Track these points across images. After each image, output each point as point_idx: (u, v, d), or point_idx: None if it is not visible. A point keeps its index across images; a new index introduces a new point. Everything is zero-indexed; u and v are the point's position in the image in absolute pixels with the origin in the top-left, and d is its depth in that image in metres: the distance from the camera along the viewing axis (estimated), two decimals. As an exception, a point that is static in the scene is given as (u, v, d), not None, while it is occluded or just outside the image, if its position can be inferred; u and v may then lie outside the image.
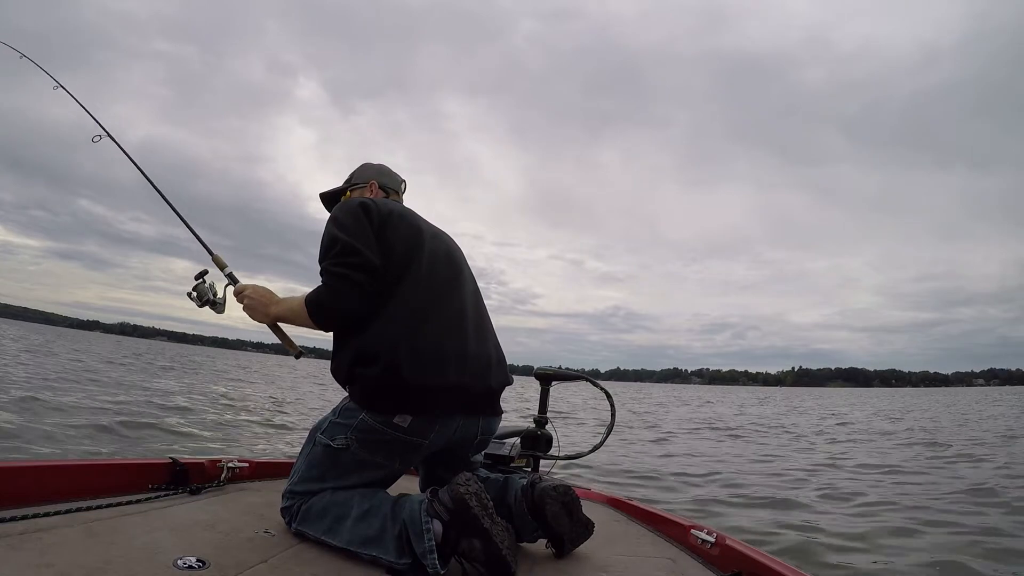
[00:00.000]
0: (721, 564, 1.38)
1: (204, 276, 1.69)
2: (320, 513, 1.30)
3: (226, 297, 1.68)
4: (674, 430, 10.48)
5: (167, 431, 5.75)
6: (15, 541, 1.05)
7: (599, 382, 2.56)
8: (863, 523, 3.67)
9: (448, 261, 1.55)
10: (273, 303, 1.53)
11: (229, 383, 14.71)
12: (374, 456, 1.35)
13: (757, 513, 3.95)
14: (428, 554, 1.15)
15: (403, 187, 1.83)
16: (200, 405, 8.42)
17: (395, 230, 1.46)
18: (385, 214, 1.47)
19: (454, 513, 1.18)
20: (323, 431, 1.39)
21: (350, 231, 1.39)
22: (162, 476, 1.61)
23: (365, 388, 1.34)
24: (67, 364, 14.03)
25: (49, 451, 4.21)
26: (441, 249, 1.56)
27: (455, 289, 1.51)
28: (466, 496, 1.19)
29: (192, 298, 1.68)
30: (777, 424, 12.94)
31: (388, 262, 1.41)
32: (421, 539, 1.17)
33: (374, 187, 1.74)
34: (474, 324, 1.51)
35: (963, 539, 3.25)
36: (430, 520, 1.19)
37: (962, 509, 4.01)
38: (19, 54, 2.23)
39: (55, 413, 5.72)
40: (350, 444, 1.34)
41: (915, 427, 12.09)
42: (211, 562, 1.07)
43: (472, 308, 1.54)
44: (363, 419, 1.33)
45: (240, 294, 1.61)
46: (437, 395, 1.36)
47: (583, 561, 1.38)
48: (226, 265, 1.74)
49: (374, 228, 1.43)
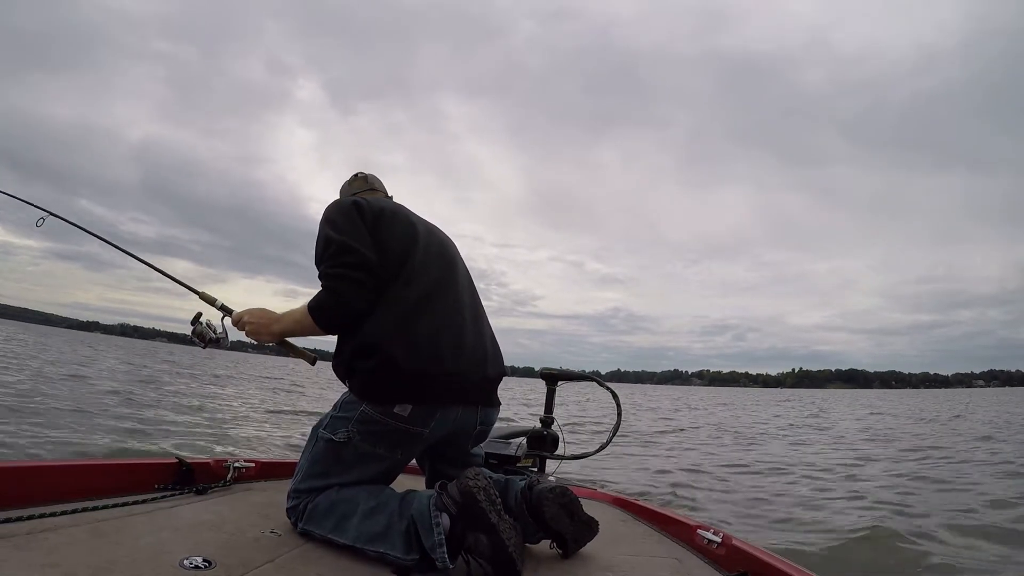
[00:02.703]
0: (727, 564, 1.37)
1: (199, 318, 1.69)
2: (326, 511, 1.30)
3: (226, 329, 1.68)
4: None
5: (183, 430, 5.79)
6: (21, 541, 1.05)
7: (606, 382, 2.55)
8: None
9: (442, 255, 1.57)
10: (274, 321, 1.53)
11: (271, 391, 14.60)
12: (376, 448, 1.36)
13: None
14: (437, 547, 1.15)
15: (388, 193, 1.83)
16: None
17: (389, 226, 1.48)
18: (378, 211, 1.49)
19: (462, 506, 1.18)
20: (324, 426, 1.40)
21: (343, 230, 1.40)
22: (168, 476, 1.62)
23: (364, 380, 1.35)
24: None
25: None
26: (435, 243, 1.57)
27: (450, 282, 1.53)
28: (475, 490, 1.19)
29: (195, 343, 1.69)
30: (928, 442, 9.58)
31: (384, 258, 1.42)
32: (430, 533, 1.17)
33: (358, 179, 1.77)
34: (470, 316, 1.53)
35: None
36: (439, 514, 1.18)
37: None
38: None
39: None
40: (352, 437, 1.35)
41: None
42: (217, 562, 1.07)
43: (468, 301, 1.56)
44: (364, 410, 1.34)
45: (239, 322, 1.61)
46: (436, 384, 1.37)
47: (589, 561, 1.38)
48: (215, 299, 1.73)
49: (368, 225, 1.44)
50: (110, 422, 5.89)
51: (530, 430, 2.40)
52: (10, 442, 4.26)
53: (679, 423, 13.01)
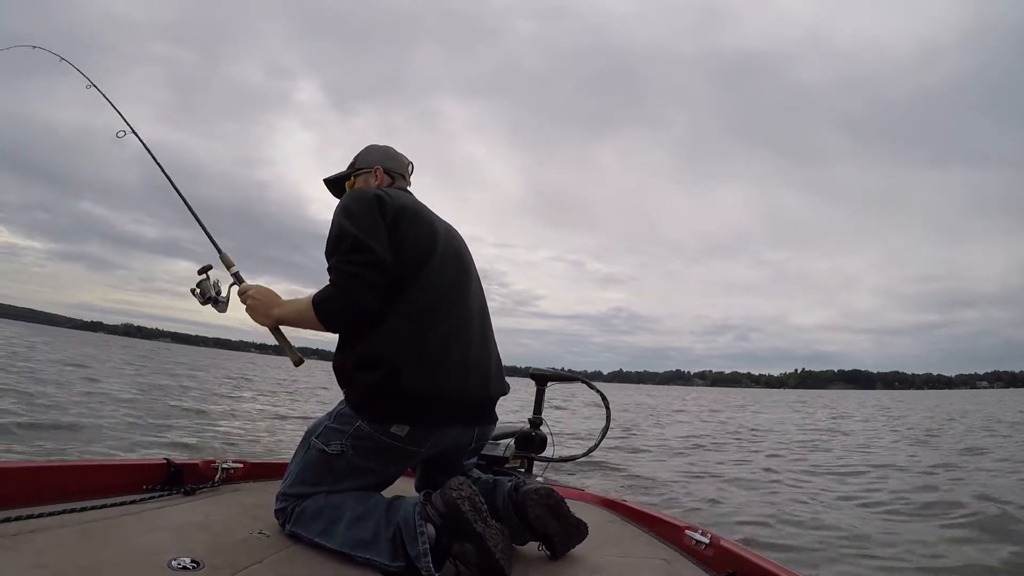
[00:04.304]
0: (715, 565, 1.39)
1: (208, 272, 1.64)
2: (314, 515, 1.30)
3: (230, 296, 1.62)
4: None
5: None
6: (9, 542, 1.05)
7: (595, 384, 2.57)
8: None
9: (458, 263, 1.51)
10: (276, 304, 1.48)
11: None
12: (368, 463, 1.34)
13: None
14: (422, 557, 1.15)
15: (410, 169, 1.73)
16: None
17: (411, 226, 1.40)
18: (399, 208, 1.40)
19: (446, 517, 1.18)
20: (318, 435, 1.37)
21: (361, 225, 1.32)
22: (156, 477, 1.61)
23: (364, 395, 1.32)
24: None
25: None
26: (452, 249, 1.50)
27: (464, 293, 1.48)
28: (458, 500, 1.18)
29: (195, 295, 1.63)
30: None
31: (399, 260, 1.35)
32: (415, 542, 1.17)
33: (379, 172, 1.63)
34: (479, 330, 1.48)
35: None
36: (424, 523, 1.19)
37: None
38: (59, 58, 2.18)
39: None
40: (345, 450, 1.33)
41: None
42: (205, 563, 1.07)
43: (477, 313, 1.50)
44: (359, 426, 1.32)
45: (244, 294, 1.56)
46: (436, 406, 1.34)
47: (577, 563, 1.39)
48: (233, 264, 1.69)
49: (387, 223, 1.37)
50: (113, 422, 5.85)
51: (519, 431, 2.41)
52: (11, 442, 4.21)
53: (705, 429, 11.81)
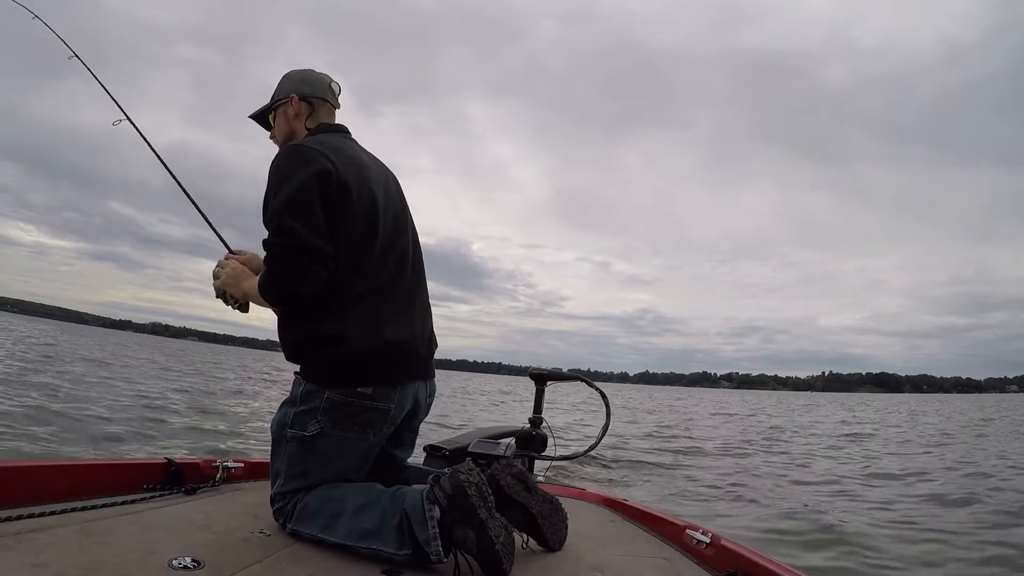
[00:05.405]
0: (716, 564, 1.38)
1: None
2: (315, 511, 1.30)
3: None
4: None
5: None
6: (10, 541, 1.05)
7: (595, 383, 2.57)
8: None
9: (397, 226, 1.51)
10: (246, 278, 1.49)
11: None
12: (348, 432, 1.36)
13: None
14: (431, 541, 1.15)
15: (336, 89, 1.65)
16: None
17: (357, 202, 1.37)
18: (343, 184, 1.35)
19: (451, 499, 1.18)
20: (291, 425, 1.37)
21: (298, 210, 1.29)
22: (157, 476, 1.61)
23: (325, 367, 1.36)
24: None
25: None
26: (391, 212, 1.49)
27: (404, 257, 1.51)
28: (466, 484, 1.19)
29: (218, 294, 1.60)
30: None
31: (344, 238, 1.34)
32: (424, 526, 1.17)
33: (295, 102, 1.57)
34: (418, 290, 1.55)
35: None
36: (432, 507, 1.18)
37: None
38: (32, 15, 2.14)
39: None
40: (323, 427, 1.34)
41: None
42: (206, 562, 1.07)
43: (413, 273, 1.54)
44: (328, 396, 1.34)
45: (219, 267, 1.55)
46: (393, 364, 1.40)
47: (577, 561, 1.38)
48: (227, 244, 1.68)
49: (333, 203, 1.33)
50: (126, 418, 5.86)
51: (519, 430, 2.41)
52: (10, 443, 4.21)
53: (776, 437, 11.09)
